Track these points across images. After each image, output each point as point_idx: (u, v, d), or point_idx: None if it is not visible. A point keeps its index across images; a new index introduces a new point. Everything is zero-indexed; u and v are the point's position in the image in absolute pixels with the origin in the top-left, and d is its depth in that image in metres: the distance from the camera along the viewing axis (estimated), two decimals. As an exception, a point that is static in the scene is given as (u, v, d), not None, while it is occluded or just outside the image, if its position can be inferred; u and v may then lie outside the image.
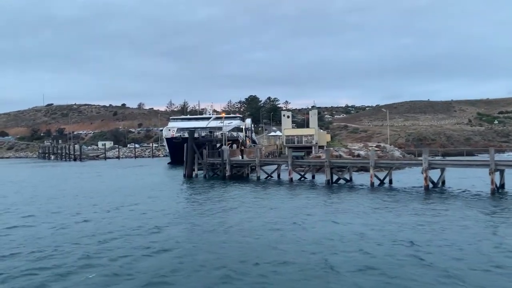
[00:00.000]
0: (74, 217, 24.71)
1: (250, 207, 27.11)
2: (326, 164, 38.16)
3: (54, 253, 16.74)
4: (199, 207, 27.64)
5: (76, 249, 17.24)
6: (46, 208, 28.72)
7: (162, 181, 46.75)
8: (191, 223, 22.48)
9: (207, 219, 23.45)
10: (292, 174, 41.11)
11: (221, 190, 36.71)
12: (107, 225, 22.14)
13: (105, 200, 31.73)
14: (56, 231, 20.95)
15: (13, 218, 25.11)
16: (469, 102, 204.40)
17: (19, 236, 19.95)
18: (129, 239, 18.84)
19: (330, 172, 38.27)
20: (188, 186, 41.34)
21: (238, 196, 32.33)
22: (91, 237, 19.43)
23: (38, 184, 47.15)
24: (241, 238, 18.58)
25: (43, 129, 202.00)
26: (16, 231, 21.30)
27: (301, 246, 17.10)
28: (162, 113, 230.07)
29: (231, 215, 24.38)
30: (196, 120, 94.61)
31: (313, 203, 28.09)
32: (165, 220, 23.35)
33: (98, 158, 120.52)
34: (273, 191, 34.92)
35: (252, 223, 22.04)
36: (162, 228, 21.06)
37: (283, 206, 26.91)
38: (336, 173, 39.07)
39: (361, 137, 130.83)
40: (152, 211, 26.46)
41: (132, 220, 23.53)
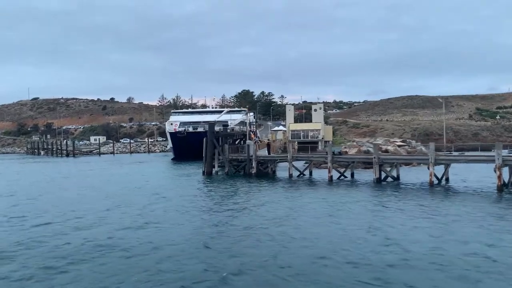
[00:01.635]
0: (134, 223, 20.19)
1: (307, 214, 22.44)
2: (375, 161, 33.98)
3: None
4: (246, 218, 22.98)
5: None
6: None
7: (180, 181, 42.00)
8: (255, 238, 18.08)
9: (267, 240, 18.75)
10: (332, 171, 36.83)
11: (256, 191, 32.06)
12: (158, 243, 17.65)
13: (139, 208, 27.07)
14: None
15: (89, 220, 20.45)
16: (465, 98, 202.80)
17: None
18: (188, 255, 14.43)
19: (379, 169, 34.15)
20: (213, 186, 36.67)
21: (281, 199, 27.84)
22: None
23: (47, 185, 42.16)
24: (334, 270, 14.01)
25: (29, 123, 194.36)
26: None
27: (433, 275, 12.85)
28: (153, 108, 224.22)
29: (293, 229, 19.04)
30: (199, 114, 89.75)
31: (388, 209, 23.68)
32: (218, 236, 18.80)
33: (91, 153, 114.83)
34: (319, 193, 30.51)
35: (327, 238, 17.61)
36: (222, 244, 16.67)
37: (350, 215, 22.23)
38: (385, 170, 34.99)
39: (364, 132, 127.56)
40: (193, 224, 21.86)
41: (180, 231, 19.13)
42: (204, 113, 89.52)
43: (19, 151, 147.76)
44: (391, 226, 18.99)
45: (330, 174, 36.63)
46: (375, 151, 34.40)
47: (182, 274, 13.21)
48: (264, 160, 42.94)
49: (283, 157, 41.58)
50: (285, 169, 44.92)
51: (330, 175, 36.62)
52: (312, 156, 41.85)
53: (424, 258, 14.30)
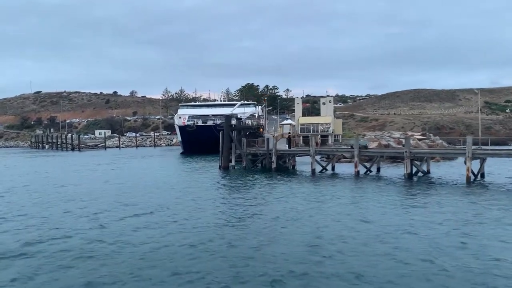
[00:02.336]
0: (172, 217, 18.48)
1: (350, 216, 20.72)
2: (406, 155, 32.20)
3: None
4: (278, 219, 21.37)
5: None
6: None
7: (198, 177, 40.20)
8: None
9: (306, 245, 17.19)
10: (359, 166, 35.08)
11: (282, 187, 30.22)
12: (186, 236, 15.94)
13: (162, 203, 25.37)
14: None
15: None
16: (471, 91, 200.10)
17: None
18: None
19: (410, 164, 32.38)
20: (233, 182, 34.92)
21: (311, 198, 26.04)
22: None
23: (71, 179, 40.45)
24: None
25: (33, 117, 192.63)
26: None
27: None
28: (157, 101, 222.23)
29: (345, 234, 17.49)
30: (208, 107, 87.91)
31: (437, 210, 21.86)
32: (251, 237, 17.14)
33: (97, 147, 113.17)
34: (352, 190, 28.78)
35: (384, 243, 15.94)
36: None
37: (403, 218, 20.31)
38: (416, 165, 33.23)
39: (373, 126, 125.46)
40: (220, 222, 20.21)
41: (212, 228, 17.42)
42: (213, 106, 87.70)
43: (23, 145, 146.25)
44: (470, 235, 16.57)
45: (357, 169, 34.89)
46: (407, 144, 32.62)
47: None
48: (284, 154, 41.10)
49: (305, 151, 39.81)
50: (302, 164, 43.37)
51: (356, 170, 34.88)
52: (337, 150, 40.02)
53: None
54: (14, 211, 22.68)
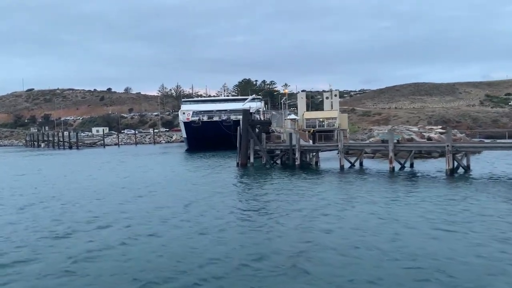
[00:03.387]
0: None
1: (413, 223, 18.04)
2: (448, 149, 29.80)
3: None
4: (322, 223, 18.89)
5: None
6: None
7: (216, 175, 37.57)
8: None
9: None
10: (394, 162, 32.65)
11: (312, 186, 27.70)
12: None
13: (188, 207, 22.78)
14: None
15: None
16: (471, 84, 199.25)
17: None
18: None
19: (452, 159, 30.02)
20: (256, 180, 32.38)
21: (352, 197, 23.59)
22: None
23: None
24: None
25: (26, 115, 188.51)
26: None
27: None
28: (153, 98, 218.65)
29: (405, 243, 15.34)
30: (211, 102, 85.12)
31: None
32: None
33: (96, 145, 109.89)
34: (398, 189, 26.31)
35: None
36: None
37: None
38: (458, 160, 30.89)
39: (377, 120, 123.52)
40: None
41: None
42: (217, 101, 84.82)
43: (17, 144, 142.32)
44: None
45: (391, 165, 32.47)
46: (448, 138, 30.22)
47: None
48: (309, 150, 38.57)
49: (333, 147, 37.31)
50: (324, 160, 40.98)
51: (391, 166, 32.47)
52: (369, 145, 37.54)
53: None
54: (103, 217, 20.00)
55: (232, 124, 72.45)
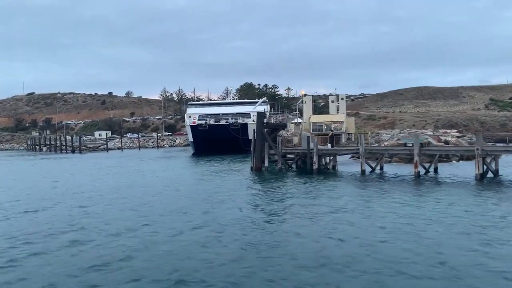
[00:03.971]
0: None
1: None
2: (477, 153, 28.50)
3: None
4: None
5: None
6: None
7: (231, 180, 36.20)
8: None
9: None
10: (419, 167, 31.32)
11: (338, 194, 26.36)
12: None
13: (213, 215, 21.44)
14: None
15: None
16: (474, 88, 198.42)
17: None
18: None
19: (482, 162, 28.73)
20: (272, 185, 30.96)
21: (378, 205, 22.27)
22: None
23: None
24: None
25: (27, 119, 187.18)
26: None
27: None
28: (154, 102, 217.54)
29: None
30: (218, 106, 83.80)
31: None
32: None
33: (98, 149, 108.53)
34: (432, 200, 24.95)
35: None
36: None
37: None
38: (487, 164, 29.58)
39: (382, 124, 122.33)
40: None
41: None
42: (223, 104, 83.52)
43: (18, 148, 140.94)
44: None
45: (417, 170, 31.11)
46: (478, 141, 28.92)
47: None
48: (328, 153, 37.24)
49: (353, 150, 36.01)
50: (340, 164, 39.69)
51: (417, 170, 31.10)
52: (393, 149, 36.18)
53: None
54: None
55: (239, 128, 71.27)
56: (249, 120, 74.14)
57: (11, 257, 13.97)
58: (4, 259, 13.84)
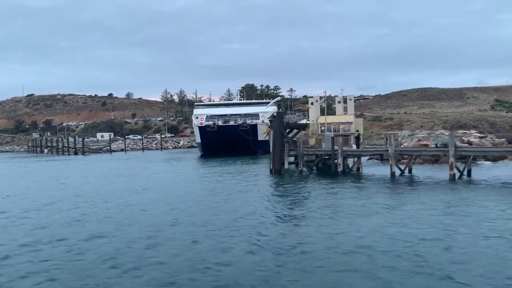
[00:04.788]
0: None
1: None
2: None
3: None
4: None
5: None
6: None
7: (250, 182, 34.43)
8: None
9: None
10: (454, 169, 29.54)
11: (372, 199, 24.49)
12: None
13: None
14: None
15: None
16: (478, 89, 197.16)
17: None
18: None
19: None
20: (296, 189, 29.30)
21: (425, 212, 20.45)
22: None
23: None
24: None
25: (27, 120, 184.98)
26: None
27: None
28: (155, 103, 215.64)
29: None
30: (225, 106, 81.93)
31: None
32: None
33: (101, 151, 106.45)
34: (479, 207, 23.06)
35: None
36: None
37: None
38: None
39: (389, 125, 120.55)
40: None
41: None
42: (231, 105, 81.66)
43: (19, 149, 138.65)
44: None
45: (452, 172, 29.32)
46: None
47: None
48: (353, 155, 35.42)
49: (381, 152, 34.21)
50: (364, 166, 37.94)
51: (452, 173, 29.32)
52: (426, 150, 34.35)
53: None
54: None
55: (249, 129, 69.49)
56: (258, 121, 72.42)
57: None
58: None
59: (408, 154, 33.57)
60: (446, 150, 29.85)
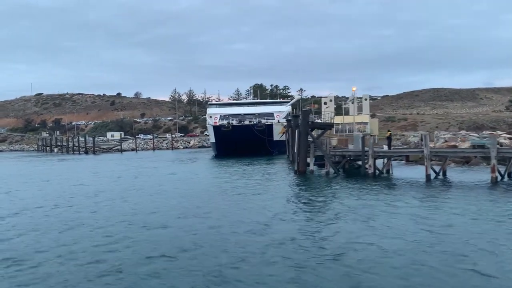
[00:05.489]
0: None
1: None
2: None
3: None
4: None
5: None
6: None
7: (276, 185, 32.85)
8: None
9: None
10: (496, 172, 27.80)
11: (413, 206, 22.74)
12: None
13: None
14: None
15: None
16: (491, 90, 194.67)
17: None
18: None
19: None
20: (327, 191, 27.72)
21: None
22: None
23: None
24: None
25: (36, 120, 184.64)
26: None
27: None
28: (164, 103, 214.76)
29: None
30: (239, 106, 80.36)
31: None
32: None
33: (112, 150, 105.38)
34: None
35: None
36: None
37: None
38: None
39: (403, 125, 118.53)
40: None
41: None
42: (245, 104, 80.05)
43: (28, 148, 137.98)
44: None
45: (494, 175, 27.59)
46: None
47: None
48: (384, 156, 33.74)
49: (415, 152, 32.48)
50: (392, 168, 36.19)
51: (494, 175, 27.59)
52: (464, 151, 32.61)
53: None
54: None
55: (264, 129, 67.94)
56: (274, 120, 70.86)
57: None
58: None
59: (443, 156, 31.81)
60: (487, 151, 28.12)
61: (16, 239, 16.62)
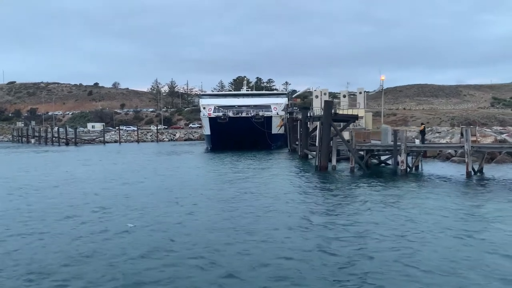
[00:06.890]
0: None
1: None
2: None
3: None
4: None
5: None
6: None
7: (297, 182, 29.77)
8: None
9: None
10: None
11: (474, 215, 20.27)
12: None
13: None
14: None
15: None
16: (473, 87, 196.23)
17: None
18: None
19: None
20: (354, 194, 24.83)
21: None
22: None
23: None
24: None
25: (9, 109, 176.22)
26: None
27: None
28: (143, 94, 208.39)
29: None
30: (233, 97, 76.65)
31: None
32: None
33: (94, 142, 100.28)
34: None
35: None
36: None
37: None
38: None
39: (393, 120, 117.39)
40: None
41: None
42: (241, 96, 76.36)
43: (3, 139, 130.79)
44: None
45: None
46: None
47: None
48: (418, 151, 31.02)
49: (454, 147, 29.88)
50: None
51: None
52: (502, 146, 30.11)
53: None
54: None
55: (263, 121, 64.66)
56: (272, 113, 67.68)
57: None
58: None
59: (488, 150, 29.28)
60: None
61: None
